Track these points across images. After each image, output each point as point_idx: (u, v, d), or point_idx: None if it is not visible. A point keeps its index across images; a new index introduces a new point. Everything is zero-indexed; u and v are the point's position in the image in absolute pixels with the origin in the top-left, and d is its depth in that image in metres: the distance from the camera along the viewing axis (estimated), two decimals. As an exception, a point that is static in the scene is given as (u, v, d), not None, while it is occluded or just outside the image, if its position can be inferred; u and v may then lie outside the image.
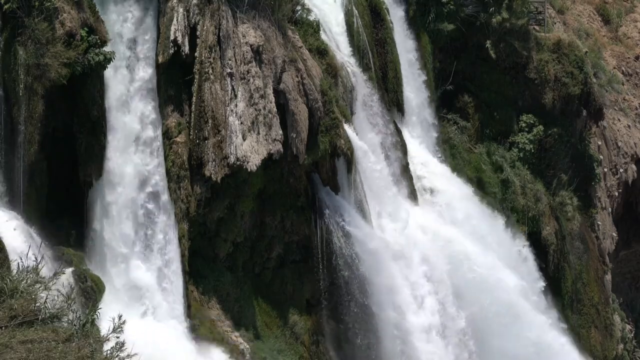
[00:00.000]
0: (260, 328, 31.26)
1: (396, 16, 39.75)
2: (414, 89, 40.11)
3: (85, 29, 26.10)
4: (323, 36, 34.50)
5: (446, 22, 40.97)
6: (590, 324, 44.77)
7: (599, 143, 47.77)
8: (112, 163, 27.53)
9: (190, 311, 28.96)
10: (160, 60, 28.63)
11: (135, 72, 28.32)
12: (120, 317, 12.69)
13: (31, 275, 13.04)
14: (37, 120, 25.35)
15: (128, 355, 12.80)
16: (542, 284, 41.08)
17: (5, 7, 24.88)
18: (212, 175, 28.97)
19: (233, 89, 29.49)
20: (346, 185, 33.34)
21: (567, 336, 40.79)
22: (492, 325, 36.89)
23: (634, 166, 50.15)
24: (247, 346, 30.02)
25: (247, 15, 30.30)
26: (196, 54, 29.18)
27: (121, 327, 12.49)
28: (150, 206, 28.42)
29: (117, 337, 12.62)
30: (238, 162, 29.06)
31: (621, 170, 49.36)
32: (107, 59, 26.29)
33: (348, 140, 32.75)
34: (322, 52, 33.67)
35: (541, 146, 43.62)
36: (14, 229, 24.43)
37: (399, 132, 37.31)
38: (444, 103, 42.41)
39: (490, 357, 36.61)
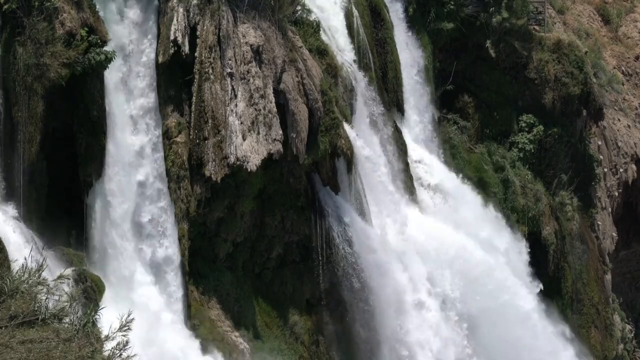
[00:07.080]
0: (260, 328, 31.23)
1: (396, 16, 39.75)
2: (414, 88, 40.10)
3: (85, 28, 26.06)
4: (323, 36, 34.48)
5: (446, 21, 40.98)
6: (590, 324, 44.75)
7: (599, 143, 47.73)
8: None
9: (190, 311, 28.94)
10: (160, 60, 28.61)
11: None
12: (129, 314, 12.56)
13: (34, 277, 12.99)
14: (37, 120, 25.31)
15: (128, 356, 12.76)
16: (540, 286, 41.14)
17: (5, 7, 24.84)
18: (212, 175, 28.94)
19: (233, 89, 29.47)
20: (346, 185, 33.32)
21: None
22: (494, 325, 36.87)
23: (634, 166, 50.12)
24: (247, 346, 30.01)
25: (247, 15, 30.27)
26: (196, 54, 29.16)
27: (128, 326, 12.40)
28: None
29: (124, 336, 12.51)
30: (238, 162, 29.04)
31: (621, 170, 49.32)
32: (108, 59, 26.26)
33: (348, 140, 32.73)
34: (322, 52, 33.65)
35: (541, 146, 43.59)
36: (13, 230, 24.42)
37: (398, 132, 37.30)
38: (444, 103, 42.40)
39: (490, 356, 36.59)
